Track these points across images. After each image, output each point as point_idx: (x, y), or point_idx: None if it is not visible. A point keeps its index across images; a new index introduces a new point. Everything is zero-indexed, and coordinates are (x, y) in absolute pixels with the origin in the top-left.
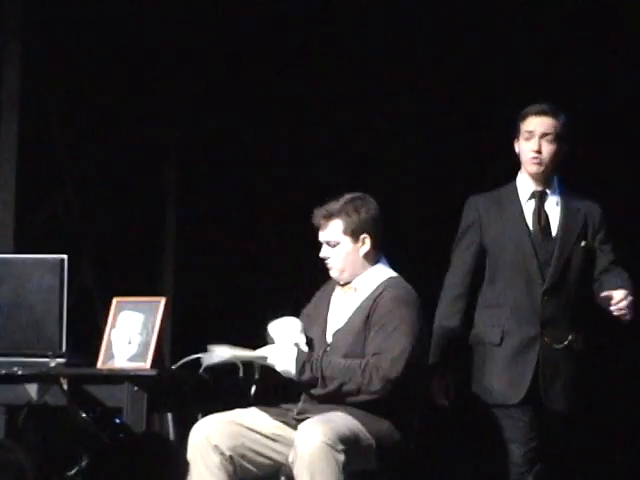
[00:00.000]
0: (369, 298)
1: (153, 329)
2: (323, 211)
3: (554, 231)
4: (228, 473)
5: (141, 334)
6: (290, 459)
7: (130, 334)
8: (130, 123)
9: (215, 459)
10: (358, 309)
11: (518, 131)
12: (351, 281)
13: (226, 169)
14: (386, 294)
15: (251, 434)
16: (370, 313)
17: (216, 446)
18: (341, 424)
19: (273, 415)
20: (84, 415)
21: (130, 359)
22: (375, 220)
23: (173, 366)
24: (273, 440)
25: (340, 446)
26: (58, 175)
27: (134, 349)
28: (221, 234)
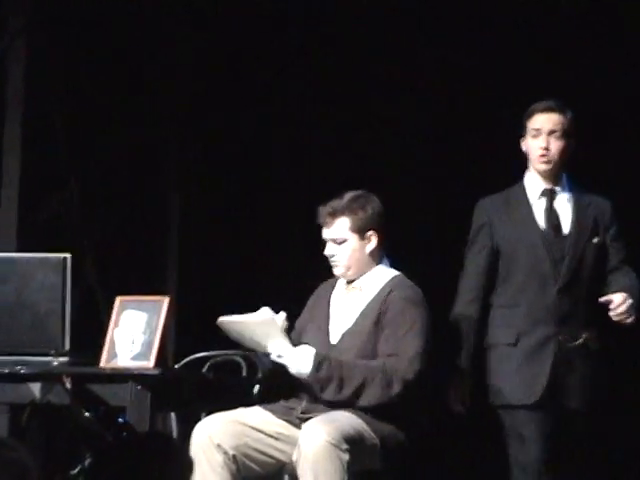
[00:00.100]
0: (377, 298)
1: (156, 328)
2: (328, 208)
3: (565, 229)
4: (231, 472)
5: (144, 333)
6: (294, 458)
7: (133, 333)
8: (132, 122)
9: (218, 458)
10: (366, 309)
11: (525, 129)
12: (355, 280)
13: (228, 168)
14: (396, 294)
15: (254, 433)
16: (380, 313)
17: (219, 445)
18: (345, 423)
19: (277, 414)
20: (87, 414)
21: (133, 358)
22: (381, 217)
23: (176, 365)
24: (276, 439)
25: (344, 445)
26: (61, 174)
27: (137, 348)
28: (224, 233)
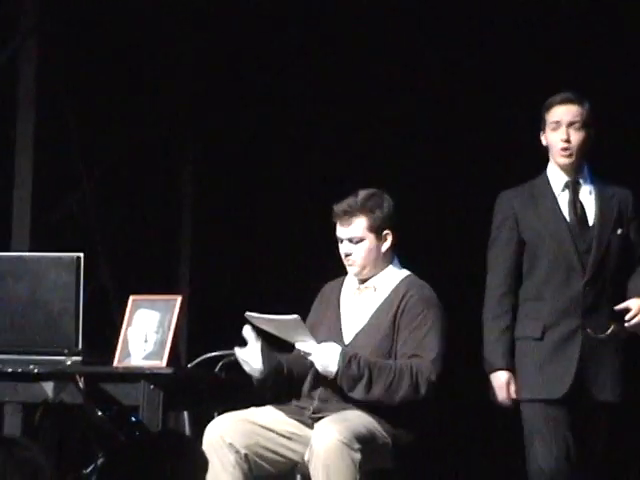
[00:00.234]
0: (391, 297)
1: (169, 327)
2: (344, 207)
3: (590, 220)
4: (243, 471)
5: (157, 332)
6: (306, 458)
7: (146, 332)
8: (146, 123)
9: (230, 457)
10: (380, 308)
11: (543, 122)
12: (367, 279)
13: (242, 169)
14: (413, 294)
15: (266, 432)
16: (397, 313)
17: (231, 444)
18: (357, 423)
19: (288, 414)
20: (100, 413)
21: (146, 357)
22: (395, 216)
23: (189, 364)
24: (288, 439)
25: (356, 445)
26: (74, 174)
27: (150, 347)
28: (237, 233)
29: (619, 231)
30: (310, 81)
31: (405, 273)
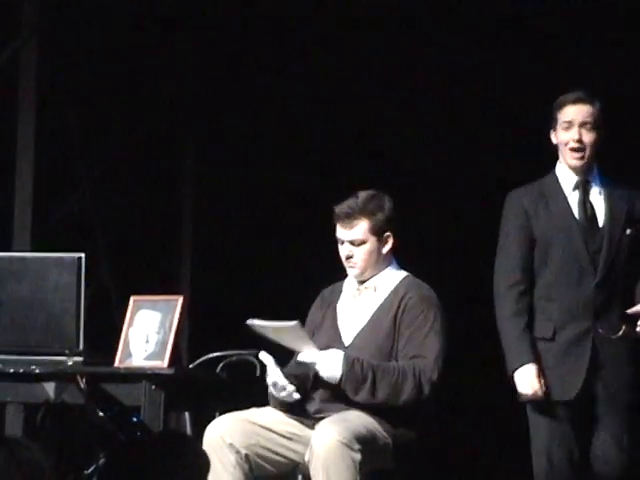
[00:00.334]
0: (391, 298)
1: (170, 328)
2: (346, 209)
3: (600, 221)
4: (244, 471)
5: (158, 333)
6: (306, 458)
7: (147, 333)
8: (147, 123)
9: (231, 457)
10: (380, 309)
11: (555, 121)
12: (367, 281)
13: (243, 169)
14: (413, 294)
15: (266, 433)
16: (398, 313)
17: (231, 445)
18: (357, 423)
19: (289, 414)
20: (101, 414)
21: (147, 358)
22: (396, 217)
23: (190, 365)
24: (289, 439)
25: (356, 445)
26: (74, 174)
27: (151, 348)
28: (238, 233)
29: (628, 231)
30: (311, 81)
31: (404, 274)
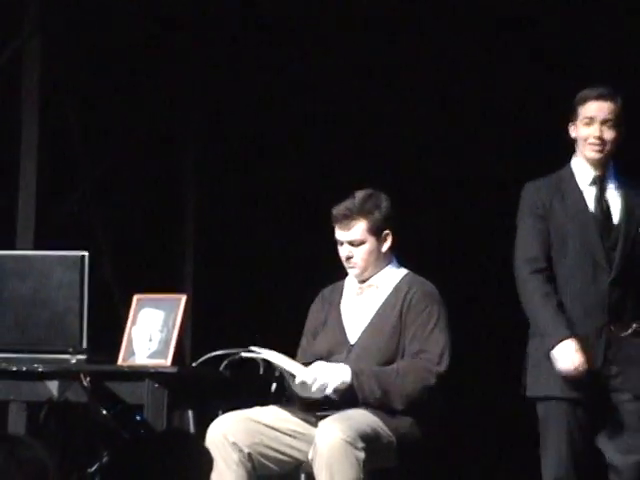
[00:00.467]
0: (394, 295)
1: (174, 326)
2: (343, 210)
3: (615, 217)
4: (247, 470)
5: (162, 331)
6: (310, 456)
7: (151, 331)
8: (148, 122)
9: (234, 456)
10: (383, 307)
11: (575, 115)
12: (368, 279)
13: (245, 164)
14: (416, 291)
15: (269, 431)
16: (402, 310)
17: (234, 443)
18: (361, 421)
19: (293, 412)
20: (104, 412)
21: (151, 356)
22: (394, 215)
23: (194, 363)
24: (292, 437)
25: (360, 444)
26: (78, 173)
27: (155, 346)
28: (239, 232)
29: None
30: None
31: (404, 271)
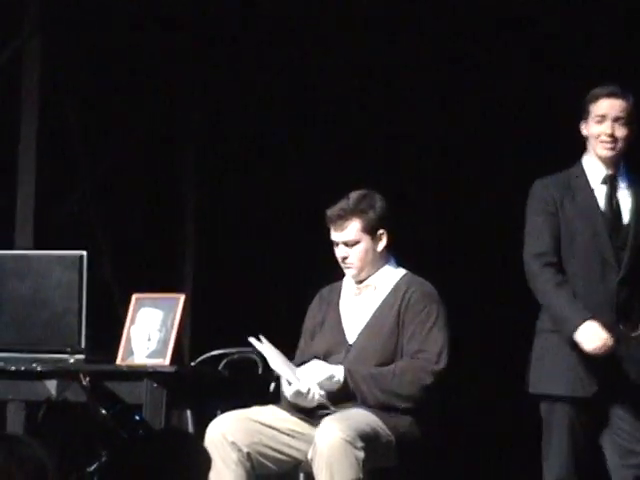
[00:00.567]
0: (392, 295)
1: (172, 326)
2: (337, 211)
3: (625, 216)
4: (246, 469)
5: (160, 331)
6: (309, 456)
7: (149, 330)
8: (147, 120)
9: (232, 455)
10: (381, 307)
11: (586, 113)
12: (365, 279)
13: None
14: (415, 291)
15: (268, 431)
16: (400, 309)
17: (233, 443)
18: (361, 421)
19: (292, 412)
20: (103, 411)
21: (149, 355)
22: (389, 215)
23: (192, 362)
24: (291, 437)
25: (360, 443)
26: (77, 172)
27: (153, 345)
28: (240, 230)
29: None
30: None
31: (403, 271)
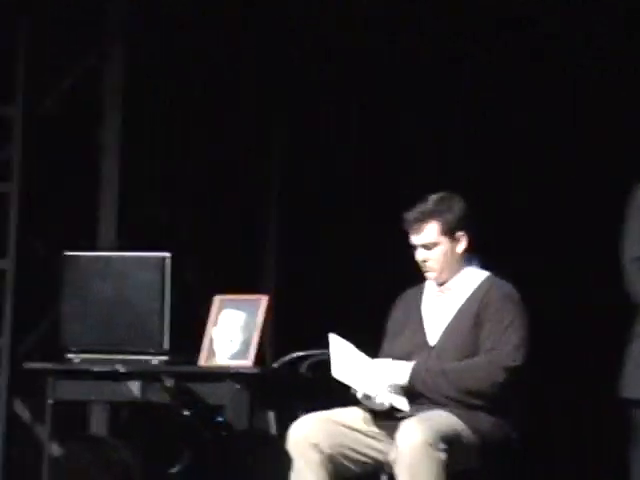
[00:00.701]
0: (473, 297)
1: (255, 327)
2: (415, 214)
3: None
4: (328, 471)
5: (243, 332)
6: (391, 458)
7: (232, 332)
8: (230, 122)
9: (315, 457)
10: (462, 308)
11: None
12: (447, 282)
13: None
14: (495, 291)
15: (351, 433)
16: (479, 311)
17: (315, 444)
18: (442, 423)
19: (372, 414)
20: (186, 413)
21: (232, 357)
22: (469, 217)
23: (275, 364)
24: (374, 439)
25: (441, 445)
26: (162, 173)
27: (236, 347)
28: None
29: None
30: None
31: (485, 274)
